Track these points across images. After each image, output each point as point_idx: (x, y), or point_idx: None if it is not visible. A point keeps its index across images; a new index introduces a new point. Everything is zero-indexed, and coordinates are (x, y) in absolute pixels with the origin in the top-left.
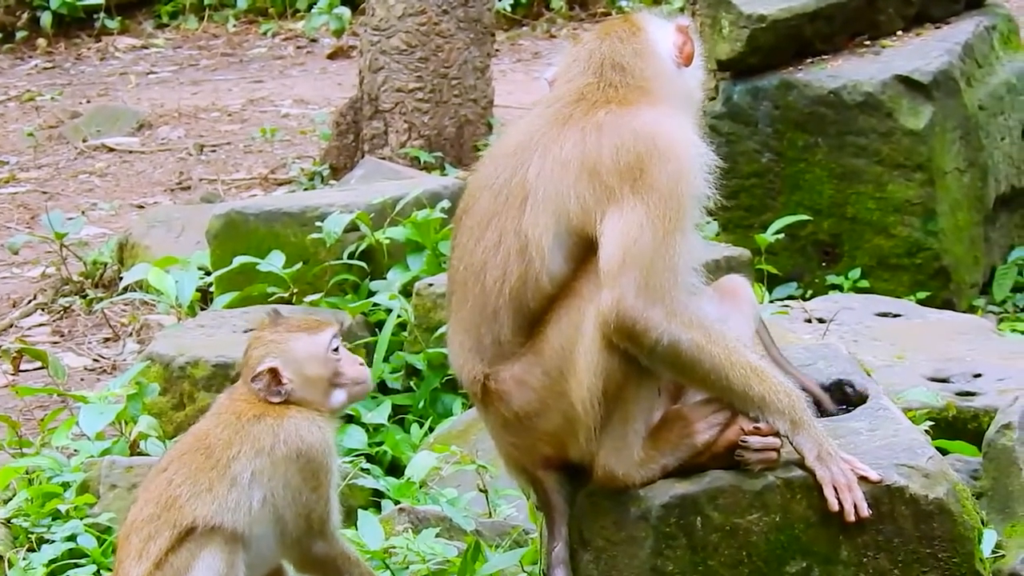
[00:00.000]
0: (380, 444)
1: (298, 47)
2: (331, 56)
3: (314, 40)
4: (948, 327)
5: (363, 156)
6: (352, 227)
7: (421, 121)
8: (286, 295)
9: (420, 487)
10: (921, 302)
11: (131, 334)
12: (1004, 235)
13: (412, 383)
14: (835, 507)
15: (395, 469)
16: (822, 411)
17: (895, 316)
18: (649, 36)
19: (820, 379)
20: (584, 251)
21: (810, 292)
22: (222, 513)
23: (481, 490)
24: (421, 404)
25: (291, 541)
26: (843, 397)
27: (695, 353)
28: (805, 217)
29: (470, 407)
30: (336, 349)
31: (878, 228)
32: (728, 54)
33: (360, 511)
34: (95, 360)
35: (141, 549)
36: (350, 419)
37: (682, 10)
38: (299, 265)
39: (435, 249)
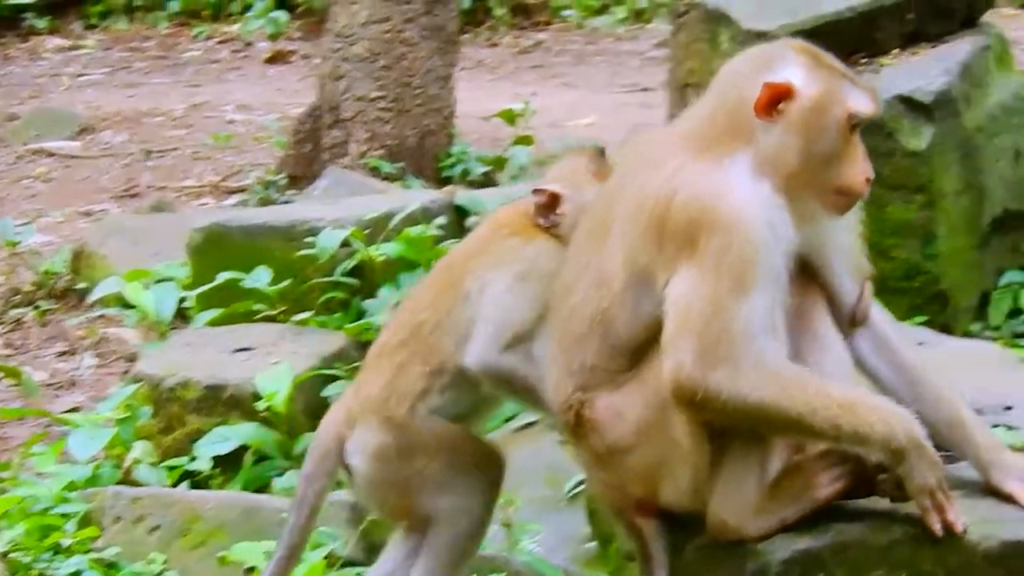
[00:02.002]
0: None
1: (233, 51)
2: (269, 60)
3: (249, 44)
4: (971, 356)
5: (322, 165)
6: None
7: (383, 131)
8: (273, 313)
9: None
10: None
11: (88, 348)
12: (995, 258)
13: None
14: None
15: None
16: None
17: (918, 344)
18: (748, 82)
19: None
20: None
21: None
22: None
23: (505, 524)
24: None
25: None
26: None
27: (769, 409)
28: None
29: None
30: None
31: (877, 250)
32: None
33: None
34: (51, 375)
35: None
36: None
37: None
38: (286, 282)
39: (429, 266)
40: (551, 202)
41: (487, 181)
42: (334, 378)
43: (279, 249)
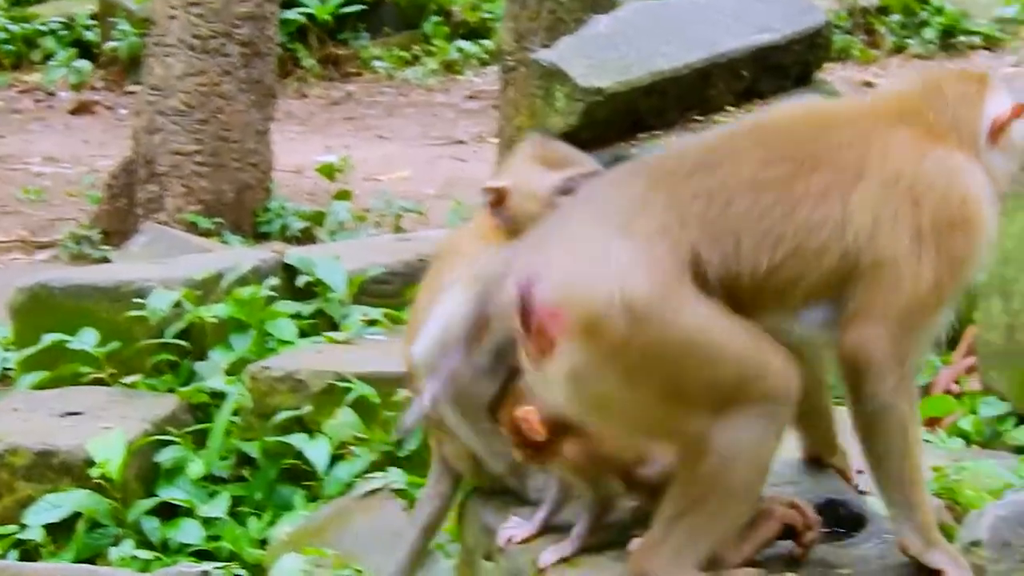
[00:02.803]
0: (217, 539)
1: (36, 100)
2: (74, 111)
3: (52, 93)
4: None
5: (137, 220)
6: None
7: (199, 185)
8: (101, 375)
9: None
10: None
11: None
12: None
13: (245, 473)
14: None
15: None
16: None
17: None
18: (985, 95)
19: (811, 498)
20: None
21: None
22: None
23: None
24: (258, 496)
25: None
26: (837, 520)
27: (898, 427)
28: None
29: (314, 499)
30: (568, 191)
31: None
32: (562, 127)
33: None
34: None
35: None
36: (184, 512)
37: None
38: (114, 344)
39: (261, 328)
40: (500, 198)
41: (306, 236)
42: (168, 442)
43: (106, 310)
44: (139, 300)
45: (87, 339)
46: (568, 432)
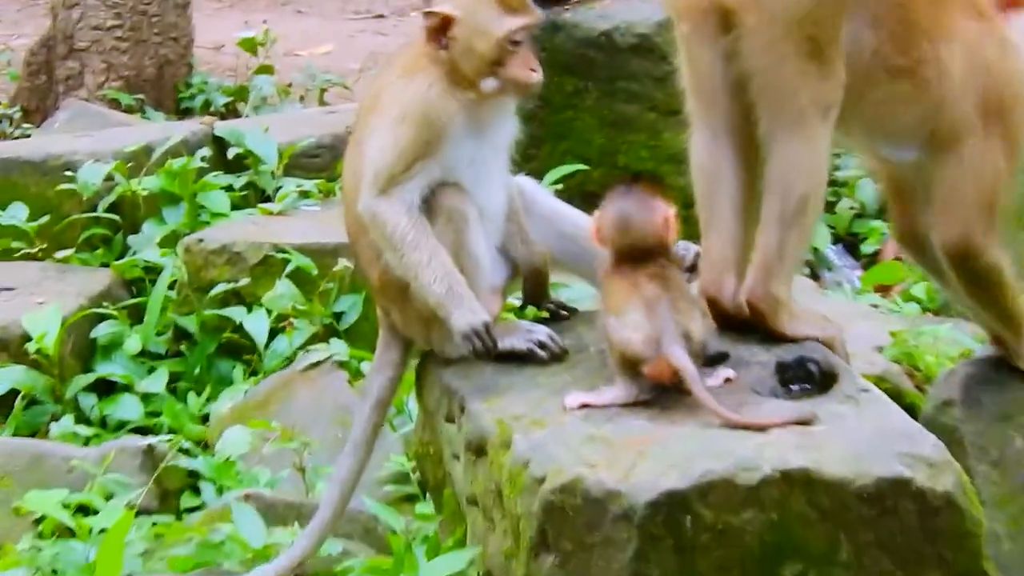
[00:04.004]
0: (157, 415)
1: None
2: None
3: None
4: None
5: (57, 98)
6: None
7: (120, 61)
8: (32, 251)
9: None
10: None
11: None
12: None
13: (183, 348)
14: None
15: None
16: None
17: None
18: None
19: (781, 355)
20: None
21: None
22: None
23: (299, 468)
24: (196, 371)
25: None
26: (807, 376)
27: (999, 281)
28: (580, 167)
29: (254, 374)
30: (517, 42)
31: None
32: None
33: (235, 503)
34: None
35: None
36: (122, 388)
37: None
38: (45, 218)
39: (192, 201)
40: (442, 24)
41: (229, 112)
42: (104, 317)
43: (35, 184)
44: (69, 173)
45: (17, 213)
46: None
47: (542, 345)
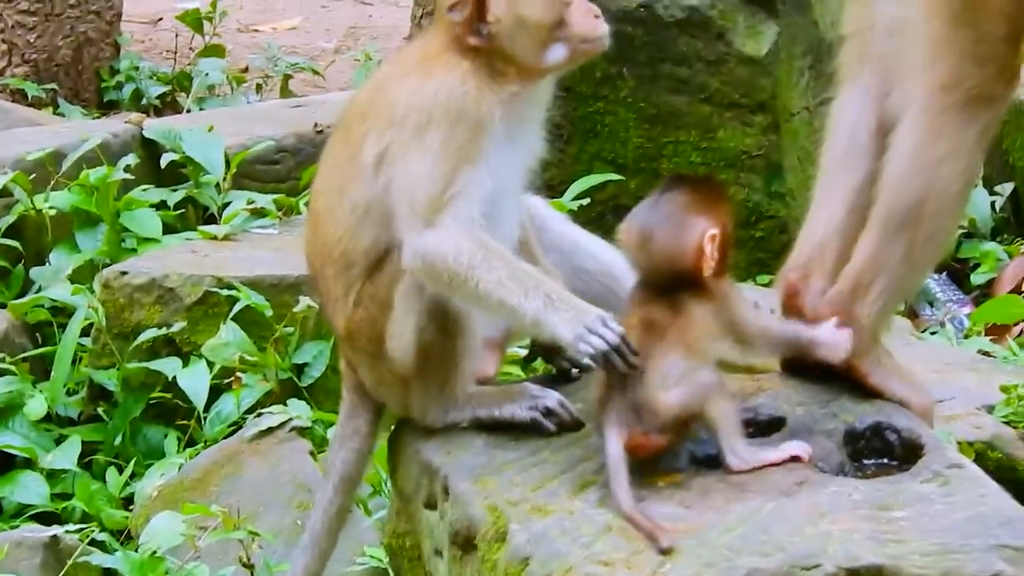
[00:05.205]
0: (67, 497)
1: None
2: None
3: None
4: None
5: None
6: None
7: (25, 40)
8: None
9: None
10: (766, 287)
11: None
12: None
13: (100, 411)
14: None
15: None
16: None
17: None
18: None
19: (853, 423)
20: None
21: None
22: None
23: (245, 565)
24: (117, 441)
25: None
26: (884, 448)
27: None
28: (612, 176)
29: (191, 444)
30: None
31: None
32: None
33: None
34: None
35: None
36: (22, 463)
37: None
38: None
39: (114, 222)
40: (477, 8)
41: (167, 105)
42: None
43: None
44: None
45: None
46: None
47: (549, 413)
